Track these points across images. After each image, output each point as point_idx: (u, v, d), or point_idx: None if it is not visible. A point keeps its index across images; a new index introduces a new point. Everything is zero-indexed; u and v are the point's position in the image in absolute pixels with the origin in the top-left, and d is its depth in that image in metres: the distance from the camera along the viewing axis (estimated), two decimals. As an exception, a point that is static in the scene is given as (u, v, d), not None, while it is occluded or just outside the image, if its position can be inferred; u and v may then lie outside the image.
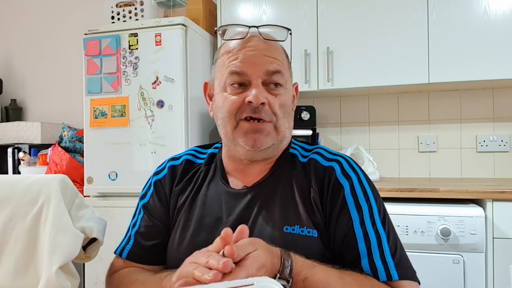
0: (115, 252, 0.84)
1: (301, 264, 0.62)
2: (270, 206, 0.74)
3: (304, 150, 0.83)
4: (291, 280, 0.59)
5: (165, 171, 0.85)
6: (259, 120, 0.72)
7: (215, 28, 0.79)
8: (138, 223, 0.84)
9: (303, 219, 0.72)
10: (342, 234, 0.70)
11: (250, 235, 0.71)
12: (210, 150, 0.87)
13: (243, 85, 0.73)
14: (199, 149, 0.89)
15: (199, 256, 0.58)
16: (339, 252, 0.72)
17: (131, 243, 0.82)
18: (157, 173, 0.86)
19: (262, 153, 0.75)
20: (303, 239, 0.70)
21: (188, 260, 0.59)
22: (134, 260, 0.81)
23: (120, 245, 0.84)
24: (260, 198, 0.75)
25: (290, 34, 0.77)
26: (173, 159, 0.87)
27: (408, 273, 0.69)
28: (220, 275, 0.52)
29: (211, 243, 0.71)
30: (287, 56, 0.79)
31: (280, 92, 0.74)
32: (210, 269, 0.53)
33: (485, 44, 1.81)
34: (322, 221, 0.72)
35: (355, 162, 0.79)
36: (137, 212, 0.86)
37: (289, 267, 0.60)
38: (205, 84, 0.82)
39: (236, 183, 0.79)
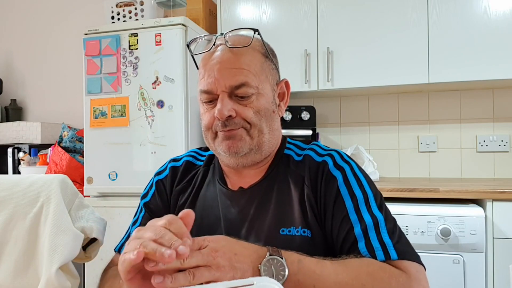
0: (114, 249, 0.85)
1: (291, 252, 0.62)
2: (266, 208, 0.75)
3: (299, 148, 0.83)
4: (284, 259, 0.59)
5: (167, 171, 0.86)
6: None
7: (187, 43, 0.80)
8: (139, 221, 0.84)
9: (298, 219, 0.72)
10: (338, 224, 0.70)
11: (248, 236, 0.73)
12: (210, 152, 0.88)
13: (214, 100, 0.73)
14: (200, 151, 0.90)
15: (145, 232, 0.52)
16: (336, 246, 0.71)
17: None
18: (158, 173, 0.88)
19: (244, 159, 0.75)
20: (298, 240, 0.71)
21: (134, 235, 0.53)
22: None
23: (119, 242, 0.85)
24: (256, 199, 0.76)
25: (259, 34, 0.75)
26: (174, 160, 0.89)
27: (409, 253, 0.66)
28: (174, 255, 0.48)
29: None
30: (265, 54, 0.77)
31: (251, 99, 0.72)
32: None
33: (485, 44, 1.81)
34: (317, 218, 0.72)
35: (348, 155, 0.79)
36: (138, 211, 0.87)
37: (279, 251, 0.60)
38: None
39: (233, 184, 0.80)
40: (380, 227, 0.68)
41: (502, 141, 2.08)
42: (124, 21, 2.05)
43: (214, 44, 0.74)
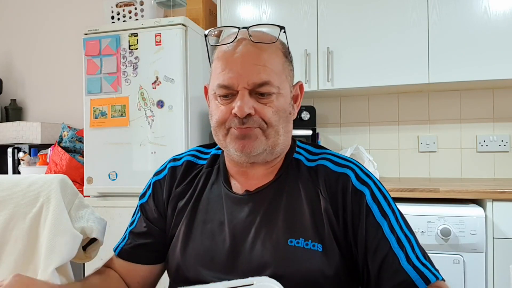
0: (113, 250, 0.85)
1: None
2: (274, 215, 0.71)
3: (310, 153, 0.79)
4: None
5: (165, 172, 0.83)
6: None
7: (205, 32, 0.74)
8: (135, 222, 0.83)
9: (309, 231, 0.69)
10: (374, 243, 0.68)
11: (254, 245, 0.70)
12: (213, 151, 0.84)
13: (231, 95, 0.70)
14: (202, 149, 0.87)
15: None
16: (366, 263, 0.69)
17: (125, 241, 0.82)
18: (157, 173, 0.85)
19: (256, 158, 0.72)
20: (307, 253, 0.67)
21: None
22: (123, 257, 0.81)
23: (117, 243, 0.85)
24: (264, 205, 0.72)
25: (284, 32, 0.72)
26: (174, 159, 0.85)
27: (439, 272, 0.69)
28: None
29: (216, 248, 0.72)
30: (285, 54, 0.74)
31: (271, 99, 0.70)
32: None
33: (485, 44, 1.81)
34: (335, 232, 0.69)
35: (366, 168, 0.76)
36: (135, 212, 0.85)
37: None
38: (205, 88, 0.80)
39: (238, 187, 0.77)
40: (415, 249, 0.69)
41: (502, 141, 2.08)
42: (124, 21, 2.05)
43: (236, 38, 0.70)
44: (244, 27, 0.71)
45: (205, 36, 0.74)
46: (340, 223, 0.69)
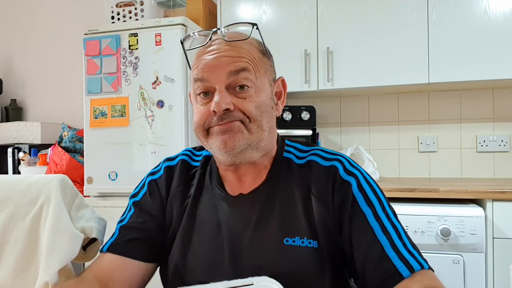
0: (101, 249, 0.79)
1: None
2: (269, 216, 0.71)
3: (299, 151, 0.79)
4: None
5: (161, 172, 0.82)
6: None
7: (180, 39, 0.75)
8: (126, 219, 0.80)
9: (303, 228, 0.69)
10: (358, 231, 0.68)
11: (251, 247, 0.69)
12: (204, 152, 0.83)
13: (209, 94, 0.69)
14: (194, 151, 0.86)
15: None
16: (352, 253, 0.68)
17: (115, 236, 0.78)
18: (152, 173, 0.84)
19: (241, 156, 0.70)
20: (304, 251, 0.68)
21: None
22: (113, 251, 0.76)
23: (107, 242, 0.79)
24: (258, 205, 0.72)
25: (257, 29, 0.71)
26: (168, 159, 0.84)
27: (426, 261, 0.67)
28: None
29: (214, 252, 0.71)
30: (262, 51, 0.73)
31: (250, 93, 0.68)
32: None
33: (485, 44, 1.81)
34: (328, 227, 0.69)
35: (354, 161, 0.76)
36: (126, 210, 0.82)
37: None
38: (190, 95, 0.78)
39: (232, 189, 0.76)
40: (402, 237, 0.68)
41: (502, 141, 2.08)
42: (124, 21, 2.05)
43: (210, 39, 0.71)
44: (217, 29, 0.72)
45: (181, 42, 0.74)
46: (331, 216, 0.69)
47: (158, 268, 0.81)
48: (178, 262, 0.74)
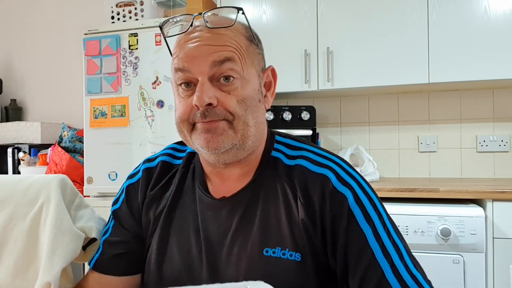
0: (89, 265, 0.77)
1: None
2: (249, 221, 0.65)
3: (289, 148, 0.71)
4: None
5: (139, 174, 0.77)
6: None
7: (159, 24, 0.67)
8: (109, 230, 0.77)
9: (286, 239, 0.63)
10: (355, 252, 0.60)
11: (229, 257, 0.64)
12: (189, 149, 0.77)
13: (191, 85, 0.63)
14: (178, 146, 0.79)
15: None
16: (345, 275, 0.62)
17: (99, 252, 0.76)
18: (130, 176, 0.79)
19: (226, 156, 0.64)
20: (284, 263, 0.61)
21: None
22: (98, 270, 0.74)
23: (93, 257, 0.77)
24: (239, 211, 0.66)
25: (243, 13, 0.64)
26: (148, 160, 0.79)
27: (430, 283, 0.62)
28: None
29: (192, 263, 0.66)
30: (249, 38, 0.66)
31: (235, 85, 0.62)
32: None
33: (485, 44, 1.81)
34: (312, 240, 0.62)
35: (350, 166, 0.68)
36: (109, 219, 0.79)
37: None
38: (172, 83, 0.70)
39: (215, 190, 0.70)
40: (404, 258, 0.61)
41: (502, 141, 2.08)
42: (124, 21, 2.05)
43: (191, 25, 0.63)
44: (199, 13, 0.64)
45: (160, 28, 0.66)
46: (318, 232, 0.62)
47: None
48: (155, 275, 0.69)
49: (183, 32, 0.64)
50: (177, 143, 0.80)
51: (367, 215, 0.62)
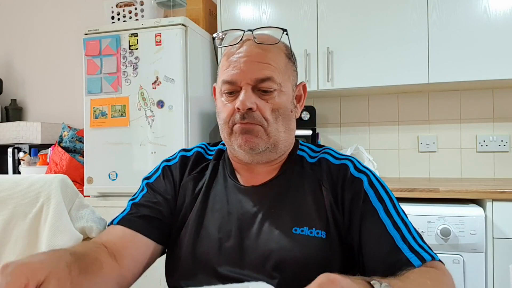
0: (111, 222, 0.79)
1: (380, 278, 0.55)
2: (280, 207, 0.74)
3: (312, 151, 0.84)
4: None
5: (176, 159, 0.86)
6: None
7: (213, 35, 0.82)
8: (139, 197, 0.82)
9: (313, 220, 0.72)
10: (369, 226, 0.70)
11: (259, 235, 0.72)
12: (218, 147, 0.88)
13: (235, 92, 0.74)
14: (208, 146, 0.90)
15: None
16: (360, 248, 0.70)
17: (126, 211, 0.79)
18: (167, 160, 0.87)
19: (259, 157, 0.76)
20: (311, 241, 0.71)
21: None
22: (124, 224, 0.76)
23: (117, 216, 0.79)
24: (270, 197, 0.76)
25: (287, 34, 0.77)
26: (184, 150, 0.89)
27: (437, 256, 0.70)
28: None
29: (224, 238, 0.74)
30: (288, 55, 0.79)
31: (273, 96, 0.74)
32: None
33: (485, 44, 1.81)
34: (337, 219, 0.72)
35: (364, 163, 0.80)
36: (139, 190, 0.84)
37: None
38: (214, 88, 0.83)
39: (244, 181, 0.80)
40: (411, 232, 0.71)
41: (502, 141, 2.08)
42: (124, 21, 2.05)
43: (241, 39, 0.75)
44: (249, 30, 0.75)
45: (213, 38, 0.80)
46: (340, 210, 0.73)
47: (158, 261, 0.81)
48: (190, 243, 0.75)
49: (233, 45, 0.76)
50: (208, 143, 0.91)
51: (379, 195, 0.73)
